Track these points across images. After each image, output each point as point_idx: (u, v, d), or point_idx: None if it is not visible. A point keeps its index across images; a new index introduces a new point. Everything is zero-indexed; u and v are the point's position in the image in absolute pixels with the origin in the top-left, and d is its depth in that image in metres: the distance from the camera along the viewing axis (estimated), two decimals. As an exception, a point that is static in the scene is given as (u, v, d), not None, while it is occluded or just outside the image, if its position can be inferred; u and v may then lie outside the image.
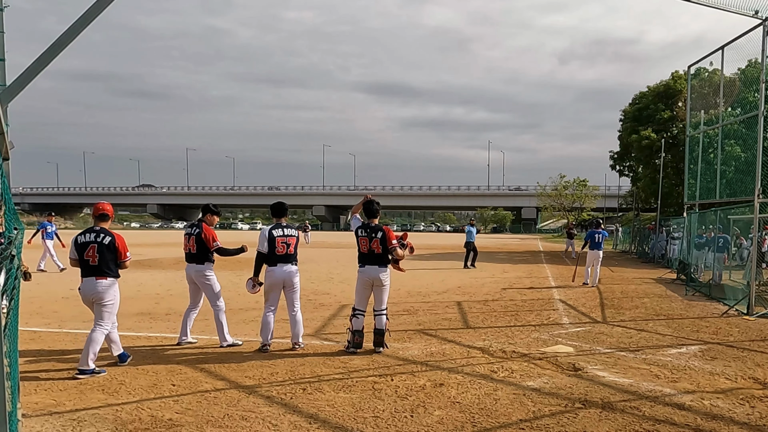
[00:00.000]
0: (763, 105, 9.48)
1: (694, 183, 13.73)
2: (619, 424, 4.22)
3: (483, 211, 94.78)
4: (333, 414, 4.38)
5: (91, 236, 5.53)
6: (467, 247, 19.14)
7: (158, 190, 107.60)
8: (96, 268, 5.48)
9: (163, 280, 13.98)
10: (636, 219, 38.20)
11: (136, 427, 4.08)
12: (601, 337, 7.42)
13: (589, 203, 64.01)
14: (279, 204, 6.64)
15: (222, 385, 5.14)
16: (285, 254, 6.42)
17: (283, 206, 6.65)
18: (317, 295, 11.37)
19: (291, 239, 6.47)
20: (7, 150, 3.28)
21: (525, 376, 5.49)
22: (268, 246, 6.37)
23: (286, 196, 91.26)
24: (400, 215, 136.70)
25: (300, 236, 6.96)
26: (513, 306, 10.44)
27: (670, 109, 29.72)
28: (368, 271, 6.41)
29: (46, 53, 3.21)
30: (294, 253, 6.49)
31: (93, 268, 5.48)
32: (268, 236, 6.39)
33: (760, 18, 9.13)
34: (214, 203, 7.06)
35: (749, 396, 4.91)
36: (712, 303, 10.88)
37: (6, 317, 2.86)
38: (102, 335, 5.50)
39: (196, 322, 7.12)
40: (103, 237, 5.53)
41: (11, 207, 3.59)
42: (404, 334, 7.48)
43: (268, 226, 6.63)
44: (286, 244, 6.41)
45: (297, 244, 6.55)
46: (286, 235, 6.44)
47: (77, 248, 5.53)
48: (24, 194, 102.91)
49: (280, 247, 6.39)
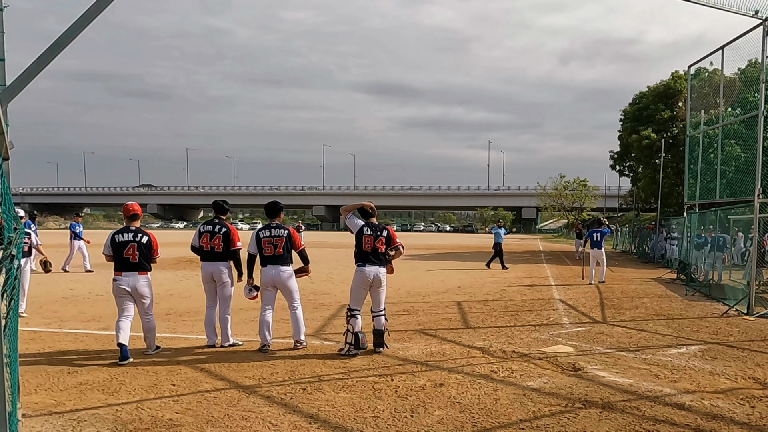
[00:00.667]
0: (763, 105, 9.48)
1: (694, 183, 13.73)
2: (619, 424, 4.22)
3: (483, 211, 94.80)
4: (333, 414, 4.38)
5: (129, 236, 6.07)
6: (496, 248, 18.93)
7: (158, 190, 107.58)
8: (137, 264, 6.04)
9: (162, 280, 13.97)
10: (636, 219, 38.21)
11: (136, 427, 4.08)
12: (601, 337, 7.42)
13: (589, 203, 63.98)
14: (271, 204, 6.65)
15: (222, 385, 5.13)
16: (273, 255, 6.39)
17: (275, 206, 6.64)
18: (317, 295, 11.37)
19: (278, 240, 6.39)
20: (7, 150, 3.28)
21: (525, 376, 5.49)
22: (256, 247, 6.45)
23: (286, 196, 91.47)
24: (400, 215, 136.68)
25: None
26: (513, 306, 10.44)
27: (670, 109, 29.74)
28: (371, 270, 6.32)
29: (46, 53, 3.21)
30: (283, 253, 6.41)
31: (134, 264, 6.04)
32: (255, 237, 6.48)
33: (760, 18, 9.13)
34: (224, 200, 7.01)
35: (749, 396, 4.91)
36: (712, 303, 10.88)
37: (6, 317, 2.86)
38: (154, 322, 6.29)
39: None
40: (141, 236, 6.11)
41: (11, 207, 3.59)
42: (404, 334, 7.47)
43: (259, 227, 6.70)
44: (272, 245, 6.38)
45: (286, 245, 6.43)
46: (273, 236, 6.41)
47: (115, 246, 6.03)
48: (24, 194, 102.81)
49: (267, 248, 6.39)
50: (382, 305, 6.44)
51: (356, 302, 6.35)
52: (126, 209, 6.25)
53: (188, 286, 12.80)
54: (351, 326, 6.25)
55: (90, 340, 7.04)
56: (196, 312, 8.94)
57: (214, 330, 6.66)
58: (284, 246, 6.41)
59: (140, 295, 6.11)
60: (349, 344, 6.22)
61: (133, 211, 6.21)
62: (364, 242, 6.34)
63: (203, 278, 6.67)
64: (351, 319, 6.27)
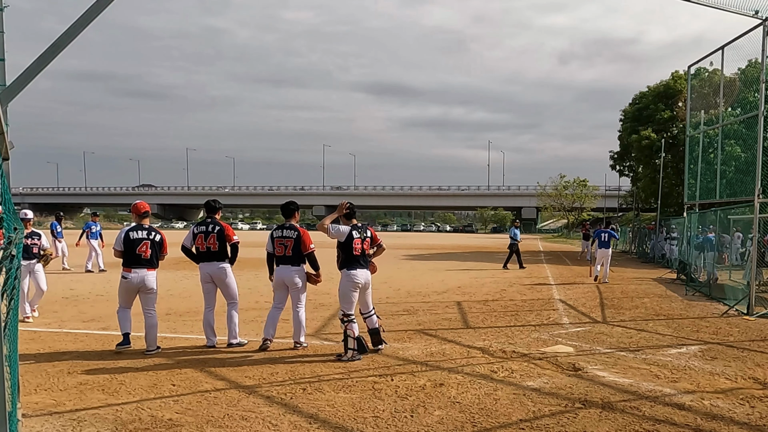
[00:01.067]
0: (763, 105, 9.48)
1: (694, 183, 13.74)
2: (619, 424, 4.22)
3: (483, 211, 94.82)
4: (333, 414, 4.38)
5: (143, 233, 6.34)
6: (513, 248, 18.99)
7: (158, 190, 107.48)
8: (148, 261, 6.32)
9: (162, 280, 13.94)
10: (636, 219, 38.21)
11: (136, 427, 4.08)
12: (601, 337, 7.42)
13: (589, 203, 64.10)
14: (285, 205, 6.75)
15: (222, 385, 5.13)
16: (283, 255, 6.46)
17: (289, 207, 6.70)
18: (317, 295, 11.37)
19: (288, 241, 6.45)
20: (7, 150, 3.28)
21: (525, 376, 5.49)
22: (272, 246, 6.54)
23: (286, 196, 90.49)
24: (400, 215, 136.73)
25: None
26: (513, 306, 10.44)
27: (670, 109, 29.75)
28: (361, 273, 6.18)
29: (46, 53, 3.21)
30: (293, 254, 6.45)
31: (145, 261, 6.30)
32: (270, 236, 6.60)
33: (760, 18, 9.13)
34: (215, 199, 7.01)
35: (749, 396, 4.91)
36: (712, 303, 10.88)
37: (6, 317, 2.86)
38: (157, 318, 6.44)
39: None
40: (155, 235, 6.42)
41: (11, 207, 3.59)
42: (404, 334, 7.47)
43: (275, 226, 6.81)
44: (283, 245, 6.46)
45: (296, 245, 6.45)
46: (283, 237, 6.48)
47: (128, 242, 6.26)
48: (24, 194, 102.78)
49: (278, 248, 6.49)
50: (371, 306, 6.42)
51: (350, 306, 6.13)
52: (136, 208, 6.47)
53: (188, 286, 12.81)
54: (351, 332, 6.03)
55: (90, 340, 7.04)
56: (196, 312, 8.94)
57: (213, 331, 6.66)
58: (293, 247, 6.44)
59: (148, 289, 6.34)
60: (352, 350, 6.02)
61: (144, 209, 6.46)
62: (354, 246, 6.15)
63: (202, 279, 6.68)
64: (349, 324, 6.03)
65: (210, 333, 6.65)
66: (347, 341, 6.04)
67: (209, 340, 6.64)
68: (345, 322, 6.06)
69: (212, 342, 6.62)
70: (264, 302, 10.05)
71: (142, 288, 6.32)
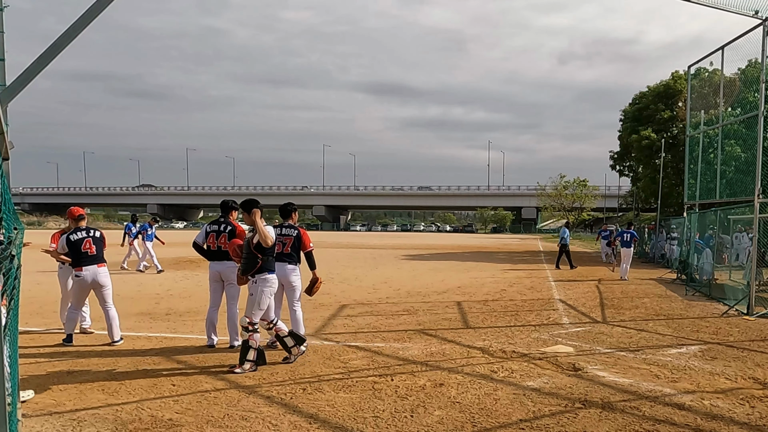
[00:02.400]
0: (763, 105, 9.48)
1: (694, 183, 13.74)
2: (619, 424, 4.22)
3: (483, 211, 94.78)
4: (333, 414, 4.38)
5: (83, 233, 6.73)
6: (563, 248, 19.63)
7: (158, 190, 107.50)
8: (96, 257, 6.69)
9: (162, 280, 13.98)
10: (636, 219, 38.21)
11: (136, 427, 4.08)
12: (601, 337, 7.42)
13: (589, 203, 64.00)
14: (283, 206, 6.86)
15: (222, 385, 5.13)
16: (280, 252, 6.50)
17: (285, 208, 6.82)
18: (317, 295, 11.35)
19: (287, 239, 6.57)
20: (7, 150, 3.29)
21: (525, 376, 5.49)
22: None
23: (286, 196, 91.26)
24: (400, 215, 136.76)
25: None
26: (513, 306, 10.44)
27: (670, 109, 29.74)
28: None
29: (46, 53, 3.21)
30: (290, 252, 6.55)
31: (93, 257, 6.66)
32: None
33: (760, 18, 9.13)
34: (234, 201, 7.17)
35: (749, 396, 4.91)
36: (712, 303, 10.88)
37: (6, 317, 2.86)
38: (115, 310, 6.80)
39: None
40: (94, 232, 6.89)
41: (11, 207, 3.59)
42: (404, 334, 7.48)
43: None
44: (281, 243, 6.52)
45: (294, 244, 6.57)
46: (283, 235, 6.58)
47: (71, 245, 6.65)
48: (24, 194, 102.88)
49: (276, 246, 6.47)
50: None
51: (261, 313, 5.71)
52: (71, 213, 6.96)
53: (188, 286, 12.80)
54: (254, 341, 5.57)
55: (90, 340, 7.04)
56: (196, 312, 8.93)
57: (214, 330, 6.67)
58: (292, 245, 6.57)
59: (101, 285, 6.69)
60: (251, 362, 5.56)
61: (78, 213, 6.97)
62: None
63: (210, 277, 6.73)
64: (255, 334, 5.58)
65: (212, 332, 6.66)
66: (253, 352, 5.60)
67: (210, 340, 6.64)
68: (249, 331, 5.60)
69: (213, 342, 6.63)
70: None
71: (96, 285, 6.66)
